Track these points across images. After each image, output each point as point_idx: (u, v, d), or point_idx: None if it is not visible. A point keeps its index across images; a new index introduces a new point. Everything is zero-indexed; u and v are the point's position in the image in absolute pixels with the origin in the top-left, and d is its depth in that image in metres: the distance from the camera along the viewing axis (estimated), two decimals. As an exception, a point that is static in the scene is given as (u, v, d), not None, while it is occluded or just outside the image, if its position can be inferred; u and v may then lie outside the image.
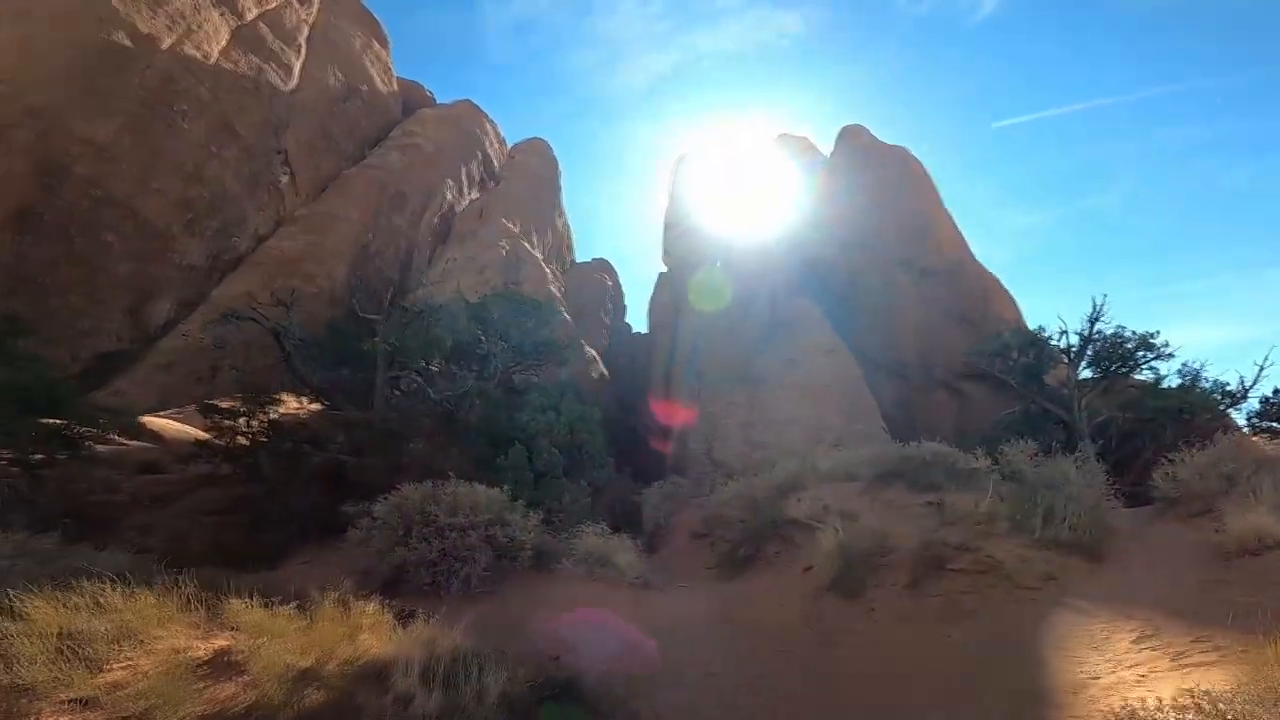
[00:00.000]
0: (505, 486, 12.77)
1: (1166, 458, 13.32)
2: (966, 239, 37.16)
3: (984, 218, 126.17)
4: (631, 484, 21.15)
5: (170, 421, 20.55)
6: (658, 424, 30.74)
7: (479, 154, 52.57)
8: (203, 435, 18.22)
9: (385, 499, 11.44)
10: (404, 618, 8.11)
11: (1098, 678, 5.75)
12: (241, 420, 17.43)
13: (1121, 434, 24.19)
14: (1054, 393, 26.29)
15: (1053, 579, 8.80)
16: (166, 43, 30.91)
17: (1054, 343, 26.41)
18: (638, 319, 53.76)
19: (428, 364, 21.25)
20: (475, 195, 51.19)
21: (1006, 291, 35.21)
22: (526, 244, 45.81)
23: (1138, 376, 27.04)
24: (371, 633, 6.66)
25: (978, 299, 34.49)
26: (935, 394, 33.13)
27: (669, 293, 41.53)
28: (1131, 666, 5.74)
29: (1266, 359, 23.73)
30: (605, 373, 37.67)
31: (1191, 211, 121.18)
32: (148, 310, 30.85)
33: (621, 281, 57.35)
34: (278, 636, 5.71)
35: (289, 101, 38.71)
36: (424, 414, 18.11)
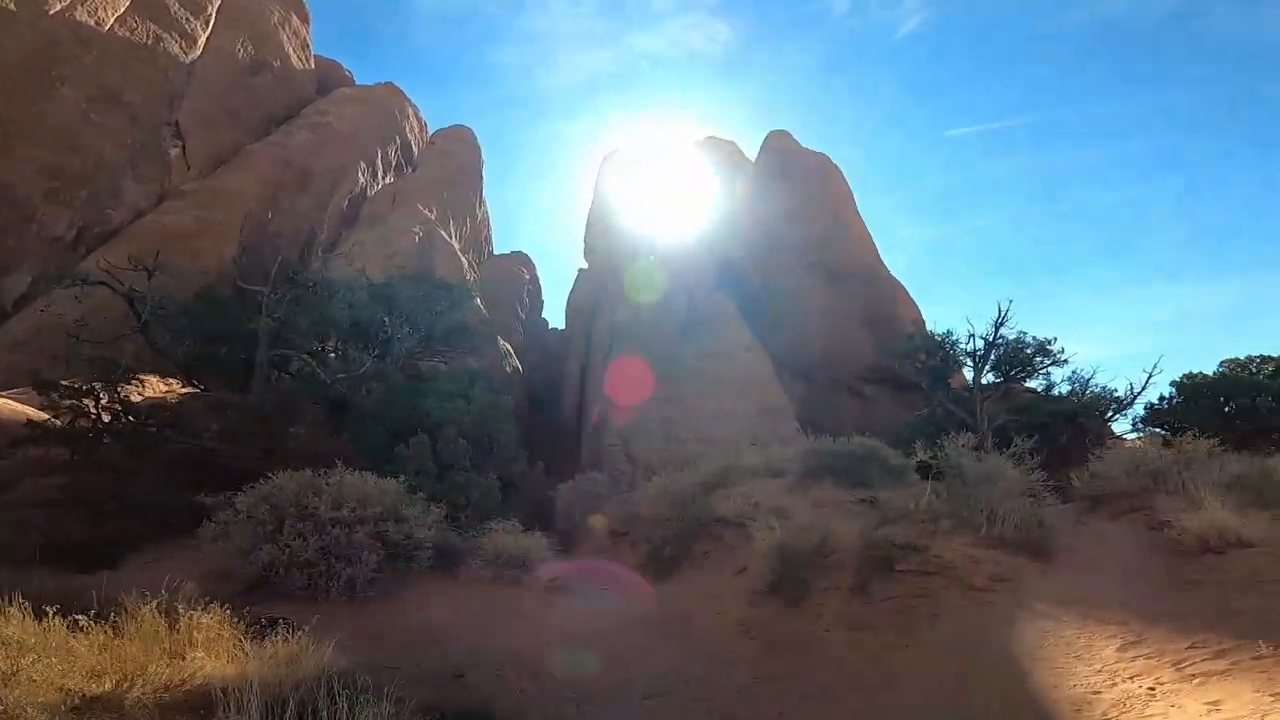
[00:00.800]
0: (402, 477, 11.17)
1: (1094, 455, 13.42)
2: (876, 246, 38.05)
3: (887, 227, 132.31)
4: (545, 480, 19.73)
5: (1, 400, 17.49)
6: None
7: (397, 138, 49.62)
8: (40, 415, 15.48)
9: (252, 488, 9.65)
10: (263, 629, 6.52)
11: (1098, 692, 4.99)
12: (88, 400, 14.89)
13: (1019, 437, 24.87)
14: (957, 395, 26.86)
15: (1005, 580, 8.20)
16: (56, 7, 28.21)
17: (961, 346, 26.98)
18: (555, 315, 52.24)
19: (322, 345, 19.10)
20: (391, 180, 48.23)
21: (910, 298, 36.16)
22: (443, 232, 43.47)
23: (1031, 383, 28.06)
24: (208, 650, 5.11)
25: (884, 304, 35.24)
26: (839, 396, 33.58)
27: (589, 289, 40.55)
28: (1132, 678, 5.02)
29: (1155, 366, 25.04)
30: (519, 366, 36.01)
31: (1073, 231, 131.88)
32: (1, 283, 27.18)
33: (540, 277, 55.61)
34: (61, 654, 4.15)
35: (189, 72, 35.47)
36: (313, 398, 16.07)
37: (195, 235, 32.54)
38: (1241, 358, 26.51)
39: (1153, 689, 4.73)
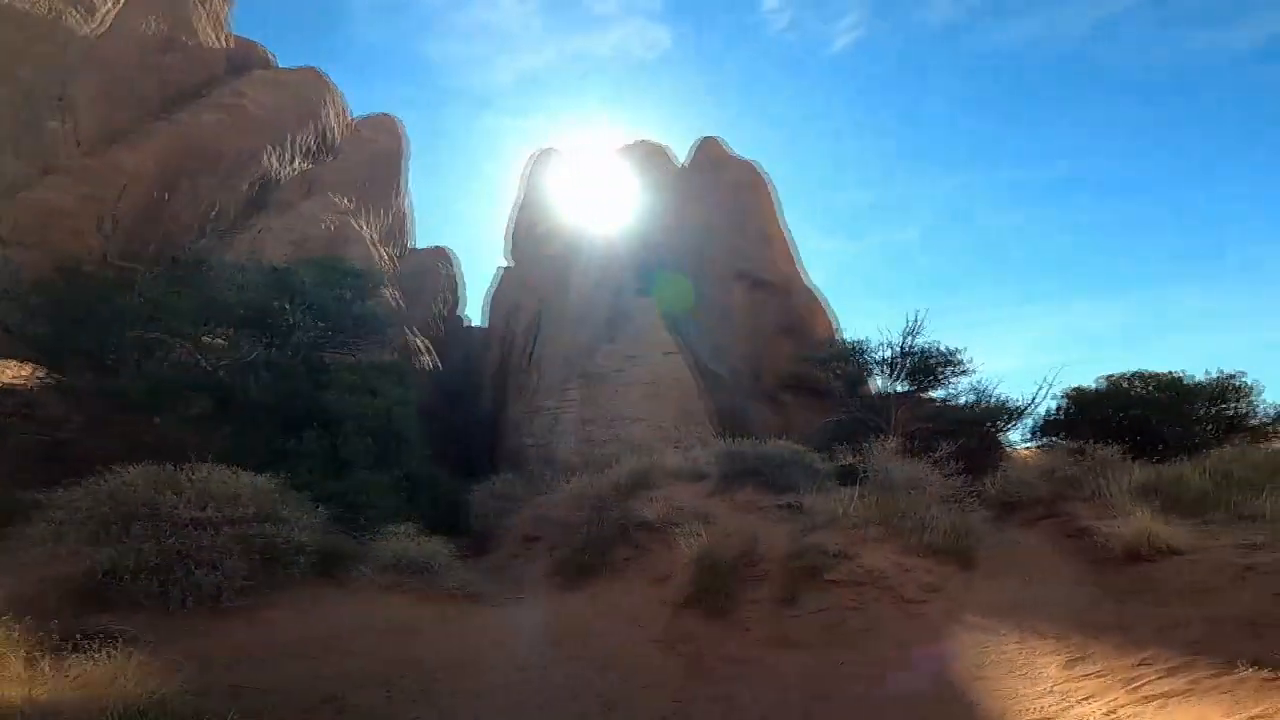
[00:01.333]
0: (285, 474, 9.93)
1: (1001, 461, 13.55)
2: (796, 256, 38.60)
3: (806, 237, 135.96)
4: (458, 481, 18.53)
5: None
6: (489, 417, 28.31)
7: (315, 124, 46.59)
8: None
9: (95, 482, 8.26)
10: (78, 645, 5.33)
11: (1051, 719, 4.58)
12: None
13: (926, 444, 25.44)
14: (870, 402, 27.30)
15: (936, 590, 7.87)
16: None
17: (875, 355, 27.44)
18: (476, 312, 50.47)
19: (211, 331, 17.22)
20: (307, 166, 45.31)
21: (827, 308, 36.82)
22: (358, 223, 41.16)
23: (938, 391, 28.85)
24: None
25: (803, 314, 35.73)
26: (757, 401, 33.74)
27: (511, 286, 39.48)
28: (1084, 700, 4.62)
29: (1056, 376, 26.04)
30: (437, 363, 34.38)
31: (977, 250, 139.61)
32: None
33: (463, 274, 53.55)
34: None
35: (88, 46, 32.20)
36: (192, 387, 14.38)
37: (81, 215, 29.62)
38: (1121, 374, 27.79)
39: (1111, 713, 4.33)
